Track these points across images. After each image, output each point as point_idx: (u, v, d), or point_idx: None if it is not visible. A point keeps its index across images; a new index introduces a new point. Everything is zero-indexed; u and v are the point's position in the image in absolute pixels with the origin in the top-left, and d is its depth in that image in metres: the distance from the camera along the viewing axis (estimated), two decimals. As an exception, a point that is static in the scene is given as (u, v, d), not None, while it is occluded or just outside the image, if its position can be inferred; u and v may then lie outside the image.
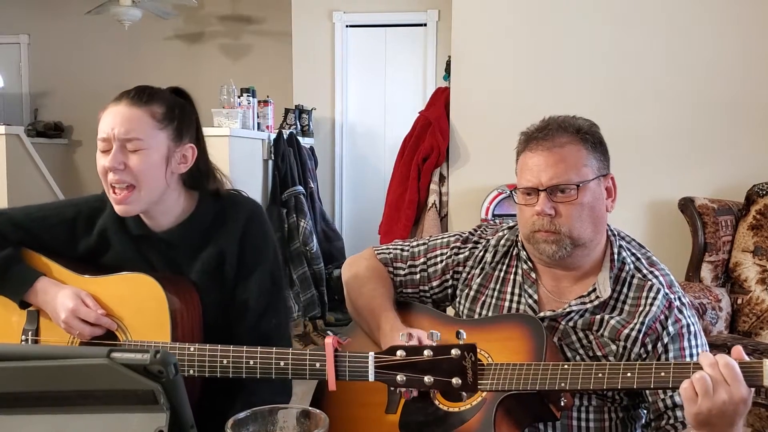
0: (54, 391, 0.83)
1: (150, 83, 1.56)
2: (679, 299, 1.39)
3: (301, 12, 5.57)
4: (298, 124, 5.22)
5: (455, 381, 1.14)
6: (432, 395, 1.32)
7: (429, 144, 3.82)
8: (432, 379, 1.15)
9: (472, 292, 1.53)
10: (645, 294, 1.38)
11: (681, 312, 1.37)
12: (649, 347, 1.35)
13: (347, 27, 5.57)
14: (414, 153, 3.88)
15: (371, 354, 1.20)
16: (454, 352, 1.14)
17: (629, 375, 1.17)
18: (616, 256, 1.43)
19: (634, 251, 1.46)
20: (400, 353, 1.17)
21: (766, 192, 3.18)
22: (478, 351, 1.30)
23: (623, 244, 1.47)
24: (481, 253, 1.56)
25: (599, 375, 1.19)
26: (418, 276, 1.59)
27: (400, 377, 1.17)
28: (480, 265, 1.55)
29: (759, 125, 3.49)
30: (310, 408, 0.93)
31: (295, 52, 5.62)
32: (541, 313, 1.42)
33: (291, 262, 4.46)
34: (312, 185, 4.79)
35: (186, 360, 1.31)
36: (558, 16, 3.68)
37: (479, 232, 1.61)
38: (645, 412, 1.41)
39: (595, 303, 1.39)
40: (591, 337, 1.38)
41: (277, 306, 1.54)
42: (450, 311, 1.61)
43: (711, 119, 3.54)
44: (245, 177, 4.16)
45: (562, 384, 1.20)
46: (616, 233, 1.48)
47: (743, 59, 3.49)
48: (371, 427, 1.35)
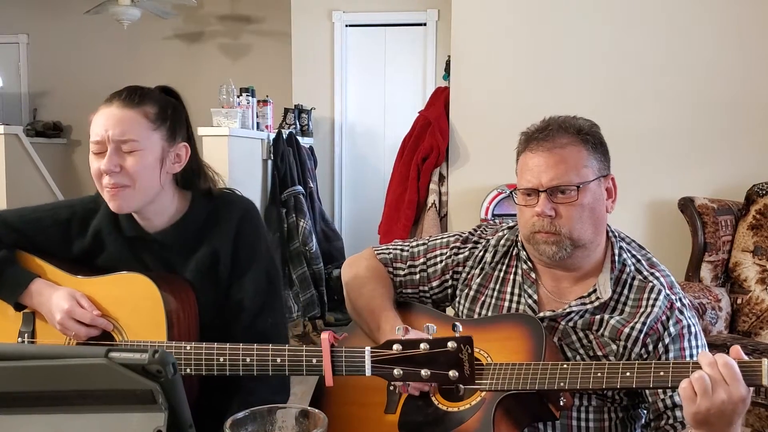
0: (52, 391, 0.83)
1: (149, 83, 1.55)
2: (680, 300, 1.39)
3: (301, 11, 5.57)
4: (297, 123, 5.21)
5: (452, 373, 1.14)
6: (431, 395, 1.31)
7: (428, 144, 3.82)
8: (429, 372, 1.15)
9: (471, 292, 1.53)
10: (646, 295, 1.38)
11: (682, 313, 1.37)
12: (650, 347, 1.35)
13: (347, 26, 5.56)
14: (413, 153, 3.88)
15: (367, 348, 1.19)
16: (450, 344, 1.14)
17: (628, 374, 1.17)
18: (616, 257, 1.43)
19: (634, 253, 1.46)
20: (396, 347, 1.17)
21: (765, 192, 3.18)
22: (477, 351, 1.31)
23: (623, 245, 1.47)
24: (481, 253, 1.55)
25: (598, 374, 1.19)
26: (417, 276, 1.59)
27: (396, 371, 1.16)
28: (480, 265, 1.54)
29: (759, 125, 3.49)
30: (309, 408, 0.93)
31: (295, 51, 5.61)
32: (541, 313, 1.42)
33: (290, 262, 4.46)
34: (311, 185, 4.79)
35: (183, 358, 1.31)
36: (558, 15, 3.68)
37: (479, 232, 1.60)
38: (645, 412, 1.41)
39: (596, 304, 1.39)
40: (591, 337, 1.38)
41: (273, 305, 1.53)
42: (450, 311, 1.61)
43: (711, 119, 3.54)
44: (244, 177, 4.16)
45: (561, 383, 1.20)
46: (616, 234, 1.47)
47: (743, 59, 3.49)
48: (370, 427, 1.34)
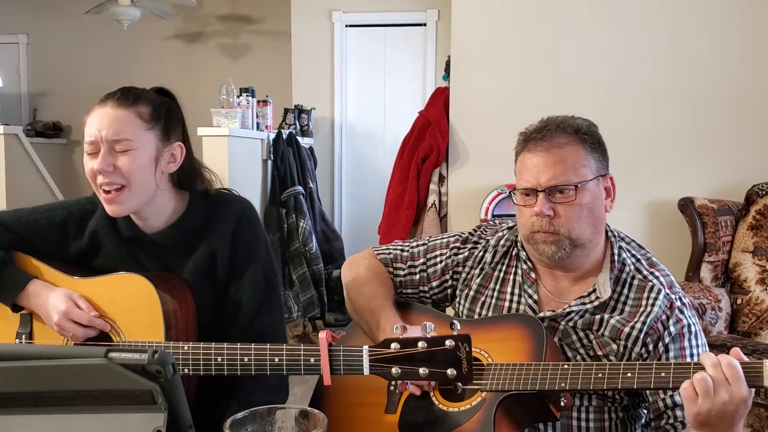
0: (52, 391, 0.83)
1: (149, 83, 1.55)
2: (680, 299, 1.39)
3: (301, 11, 5.57)
4: (297, 124, 5.21)
5: (450, 372, 1.14)
6: (431, 394, 1.31)
7: (428, 144, 3.82)
8: (427, 371, 1.15)
9: (471, 292, 1.53)
10: (646, 295, 1.38)
11: (682, 312, 1.37)
12: (650, 347, 1.35)
13: (347, 27, 5.56)
14: (413, 153, 3.88)
15: (365, 347, 1.19)
16: (448, 342, 1.14)
17: (629, 375, 1.16)
18: (616, 257, 1.43)
19: (634, 252, 1.46)
20: (394, 346, 1.17)
21: (765, 192, 3.18)
22: (478, 351, 1.31)
23: (623, 245, 1.47)
24: (481, 254, 1.55)
25: (599, 375, 1.19)
26: (417, 276, 1.59)
27: (395, 370, 1.16)
28: (480, 266, 1.54)
29: (759, 125, 3.49)
30: (308, 408, 0.93)
31: (295, 51, 5.61)
32: (541, 314, 1.42)
33: (290, 262, 4.46)
34: (311, 185, 4.79)
35: (180, 358, 1.30)
36: (558, 15, 3.68)
37: (479, 232, 1.60)
38: (645, 411, 1.41)
39: (595, 304, 1.39)
40: (591, 337, 1.38)
41: (272, 305, 1.52)
42: (450, 312, 1.61)
43: (711, 119, 3.54)
44: (244, 177, 4.16)
45: (561, 384, 1.20)
46: (616, 234, 1.47)
47: (743, 59, 3.49)
48: (370, 428, 1.34)
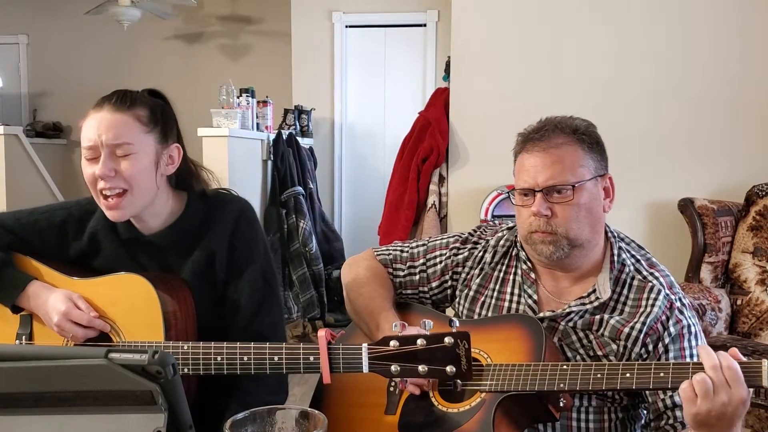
0: (52, 392, 0.83)
1: (149, 84, 1.55)
2: (680, 300, 1.39)
3: (301, 12, 5.57)
4: (297, 124, 5.22)
5: (449, 369, 1.14)
6: (431, 396, 1.31)
7: (428, 144, 3.82)
8: (426, 368, 1.15)
9: (471, 292, 1.53)
10: (646, 295, 1.38)
11: (682, 313, 1.37)
12: (650, 347, 1.35)
13: (347, 27, 5.57)
14: (413, 153, 3.88)
15: (364, 345, 1.19)
16: (447, 340, 1.14)
17: (628, 375, 1.17)
18: (616, 257, 1.43)
19: (633, 253, 1.46)
20: (393, 343, 1.17)
21: (765, 193, 3.18)
22: (477, 352, 1.31)
23: (623, 245, 1.47)
24: (481, 254, 1.55)
25: (598, 375, 1.19)
26: (417, 277, 1.59)
27: (394, 367, 1.16)
28: (479, 266, 1.54)
29: (759, 126, 3.49)
30: (308, 409, 0.93)
31: (295, 52, 5.62)
32: (541, 314, 1.42)
33: (290, 262, 4.46)
34: (311, 186, 4.79)
35: (180, 358, 1.30)
36: (558, 16, 3.68)
37: (479, 232, 1.61)
38: (645, 412, 1.41)
39: (595, 304, 1.39)
40: (591, 337, 1.38)
41: (271, 305, 1.52)
42: (450, 312, 1.61)
43: (711, 120, 3.54)
44: (244, 177, 4.16)
45: (561, 385, 1.20)
46: (615, 234, 1.47)
47: (743, 59, 3.49)
48: (370, 428, 1.34)
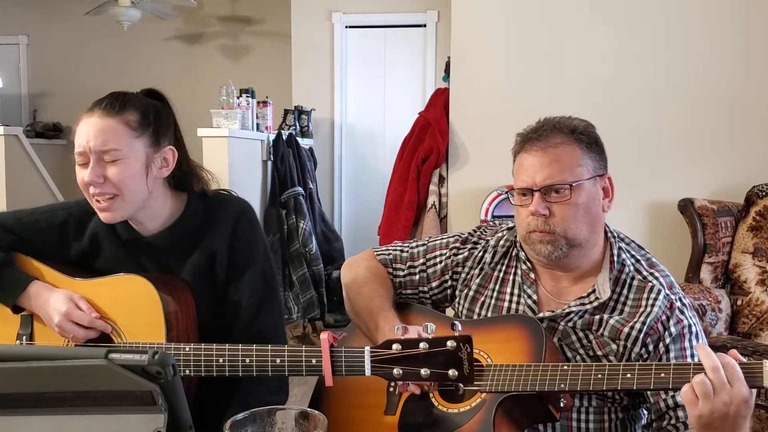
0: (52, 392, 0.83)
1: (149, 84, 1.55)
2: (680, 300, 1.39)
3: (301, 13, 5.58)
4: (297, 124, 5.22)
5: (452, 372, 1.14)
6: (431, 396, 1.31)
7: (428, 145, 3.82)
8: (428, 372, 1.15)
9: (471, 292, 1.53)
10: (646, 295, 1.38)
11: (682, 312, 1.37)
12: (651, 347, 1.35)
13: (347, 28, 5.57)
14: (413, 154, 3.88)
15: (367, 348, 1.19)
16: (449, 343, 1.14)
17: (629, 376, 1.16)
18: (615, 257, 1.43)
19: (633, 253, 1.46)
20: (395, 347, 1.17)
21: (765, 193, 3.17)
22: (477, 352, 1.31)
23: (623, 245, 1.47)
24: (480, 254, 1.55)
25: (599, 376, 1.19)
26: (417, 277, 1.59)
27: (396, 371, 1.16)
28: (479, 266, 1.54)
29: (759, 126, 3.49)
30: (308, 409, 0.93)
31: (295, 52, 5.62)
32: (540, 314, 1.42)
33: (290, 263, 4.46)
34: (311, 186, 4.79)
35: (182, 359, 1.30)
36: (557, 16, 3.68)
37: (479, 233, 1.61)
38: (645, 412, 1.41)
39: (595, 304, 1.39)
40: (591, 337, 1.38)
41: (271, 305, 1.52)
42: (450, 312, 1.61)
43: (711, 120, 3.54)
44: (244, 178, 4.16)
45: (561, 385, 1.20)
46: (615, 234, 1.47)
47: (743, 59, 3.49)
48: (370, 429, 1.34)
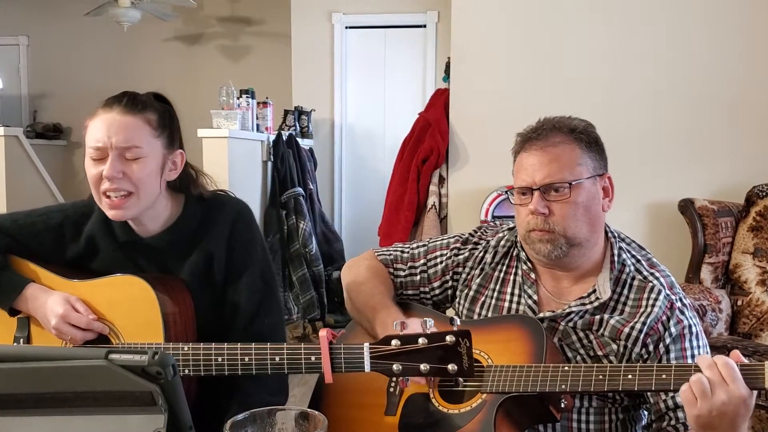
0: (52, 393, 0.83)
1: (149, 85, 1.56)
2: (681, 300, 1.39)
3: (301, 13, 5.58)
4: (297, 125, 5.22)
5: (451, 367, 1.14)
6: (431, 397, 1.31)
7: (428, 145, 3.82)
8: (428, 367, 1.15)
9: (471, 292, 1.53)
10: (646, 295, 1.38)
11: (683, 313, 1.37)
12: (651, 348, 1.34)
13: (347, 28, 5.57)
14: (413, 154, 3.88)
15: (366, 344, 1.20)
16: (448, 338, 1.14)
17: (630, 377, 1.16)
18: (616, 257, 1.43)
19: (634, 253, 1.46)
20: (394, 342, 1.17)
21: (765, 193, 3.17)
22: (478, 353, 1.31)
23: (623, 245, 1.46)
24: (481, 254, 1.55)
25: (599, 377, 1.18)
26: (418, 277, 1.59)
27: (396, 366, 1.17)
28: (480, 266, 1.55)
29: (759, 126, 3.49)
30: (308, 410, 0.92)
31: (295, 53, 5.62)
32: (541, 314, 1.42)
33: (290, 263, 4.46)
34: (311, 187, 4.79)
35: (181, 359, 1.30)
36: (557, 16, 3.68)
37: (479, 233, 1.61)
38: (646, 413, 1.41)
39: (595, 304, 1.39)
40: (591, 337, 1.38)
41: (270, 306, 1.52)
42: (450, 313, 1.61)
43: (711, 120, 3.54)
44: (244, 178, 4.16)
45: (562, 386, 1.20)
46: (615, 234, 1.47)
47: (743, 59, 3.49)
48: (370, 429, 1.34)
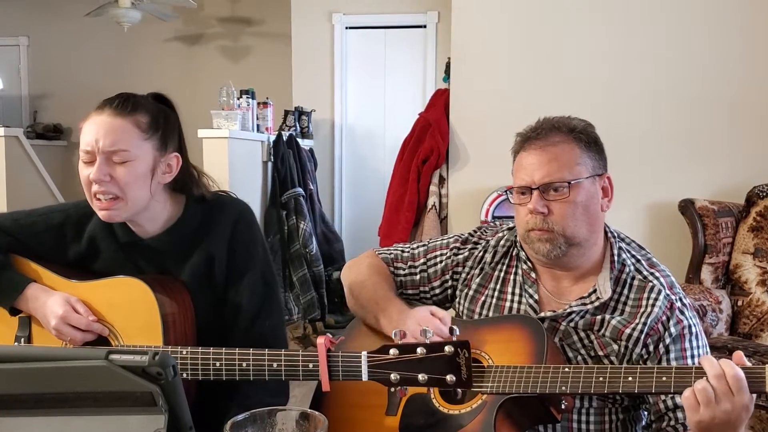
0: (52, 393, 0.83)
1: (149, 85, 1.55)
2: (681, 300, 1.39)
3: (301, 13, 5.57)
4: (297, 125, 5.22)
5: (449, 378, 1.14)
6: (432, 397, 1.31)
7: (428, 146, 3.82)
8: (426, 377, 1.14)
9: (471, 292, 1.53)
10: (646, 295, 1.38)
11: (683, 313, 1.37)
12: (651, 348, 1.34)
13: (347, 29, 5.57)
14: (414, 154, 3.88)
15: (364, 353, 1.19)
16: (447, 349, 1.14)
17: (630, 379, 1.16)
18: (616, 257, 1.43)
19: (634, 253, 1.46)
20: (393, 351, 1.16)
21: (766, 194, 3.17)
22: (478, 353, 1.30)
23: (623, 245, 1.47)
24: (481, 254, 1.55)
25: (600, 379, 1.18)
26: (418, 276, 1.59)
27: (393, 376, 1.16)
28: (479, 266, 1.55)
29: (759, 126, 3.49)
30: (309, 410, 0.93)
31: (295, 53, 5.62)
32: (542, 314, 1.42)
33: (291, 264, 4.46)
34: (311, 187, 4.79)
35: (179, 363, 1.30)
36: (557, 16, 3.68)
37: (479, 233, 1.61)
38: (646, 413, 1.41)
39: (596, 304, 1.39)
40: (592, 337, 1.37)
41: (271, 307, 1.52)
42: (451, 312, 1.61)
43: (711, 120, 3.54)
44: (244, 179, 4.16)
45: (562, 387, 1.20)
46: (615, 235, 1.47)
47: (743, 59, 3.49)
48: (371, 430, 1.34)
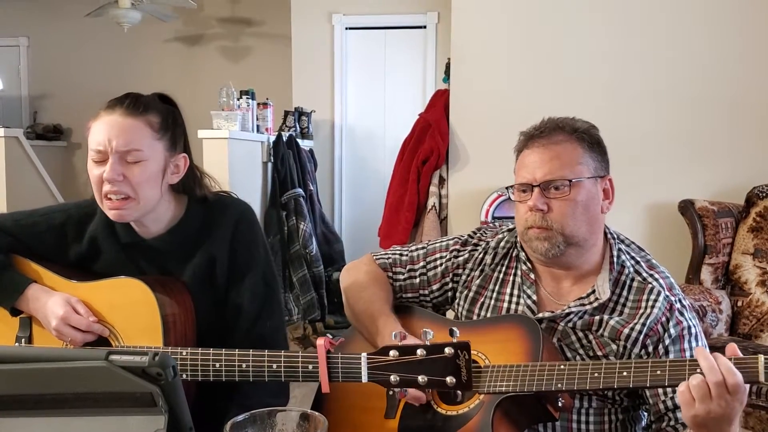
0: (53, 394, 0.83)
1: (150, 86, 1.55)
2: (680, 301, 1.39)
3: (301, 14, 5.57)
4: (297, 126, 5.22)
5: (449, 380, 1.14)
6: (430, 399, 1.31)
7: (428, 146, 3.83)
8: (426, 379, 1.14)
9: (471, 293, 1.53)
10: (645, 297, 1.38)
11: (682, 314, 1.37)
12: (650, 348, 1.35)
13: (347, 29, 5.57)
14: (413, 155, 3.88)
15: (364, 355, 1.19)
16: (447, 350, 1.13)
17: (625, 374, 1.16)
18: (615, 258, 1.43)
19: (633, 254, 1.46)
20: (393, 353, 1.16)
21: (766, 194, 3.18)
22: (475, 353, 1.31)
23: (622, 247, 1.47)
24: (481, 255, 1.55)
25: (595, 375, 1.18)
26: (417, 280, 1.59)
27: (393, 377, 1.16)
28: (480, 267, 1.55)
29: (759, 127, 3.50)
30: (309, 411, 0.93)
31: (295, 54, 5.62)
32: (540, 314, 1.42)
33: (291, 264, 4.46)
34: (311, 188, 4.79)
35: (179, 364, 1.29)
36: (558, 17, 3.68)
37: (479, 234, 1.61)
38: (645, 413, 1.41)
39: (594, 305, 1.39)
40: (591, 337, 1.38)
41: (272, 308, 1.53)
42: (450, 314, 1.61)
43: (711, 121, 3.54)
44: (244, 179, 4.16)
45: (558, 384, 1.20)
46: (615, 236, 1.48)
47: (743, 59, 3.49)
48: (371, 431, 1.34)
